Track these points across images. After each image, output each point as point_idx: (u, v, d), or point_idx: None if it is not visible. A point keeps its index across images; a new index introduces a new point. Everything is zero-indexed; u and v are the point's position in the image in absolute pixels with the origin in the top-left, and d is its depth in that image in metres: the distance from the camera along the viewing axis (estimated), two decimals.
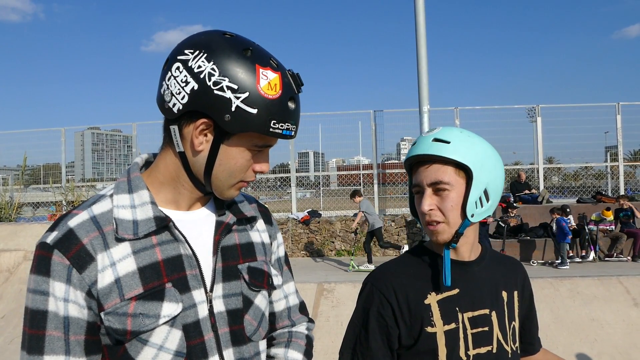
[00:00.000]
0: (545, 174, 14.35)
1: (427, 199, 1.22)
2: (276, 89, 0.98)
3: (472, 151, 1.20)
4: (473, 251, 1.31)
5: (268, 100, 0.97)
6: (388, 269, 1.33)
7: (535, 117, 13.78)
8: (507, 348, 1.28)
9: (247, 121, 0.96)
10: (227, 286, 1.08)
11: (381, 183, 13.92)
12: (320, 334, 5.65)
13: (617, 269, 8.49)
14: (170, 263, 1.01)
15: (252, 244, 1.18)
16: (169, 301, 0.98)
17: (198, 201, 1.12)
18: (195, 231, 1.08)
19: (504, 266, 1.38)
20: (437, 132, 1.23)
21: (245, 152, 1.02)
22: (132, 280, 0.97)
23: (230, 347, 1.06)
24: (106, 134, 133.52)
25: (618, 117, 13.54)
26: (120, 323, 0.95)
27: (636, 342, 5.69)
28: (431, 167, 1.21)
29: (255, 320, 1.12)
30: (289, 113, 1.00)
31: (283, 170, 14.98)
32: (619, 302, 6.54)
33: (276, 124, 0.98)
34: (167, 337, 0.98)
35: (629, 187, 14.77)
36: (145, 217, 1.01)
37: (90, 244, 0.97)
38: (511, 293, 1.34)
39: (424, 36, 9.80)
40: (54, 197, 12.86)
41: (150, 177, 1.08)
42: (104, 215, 1.01)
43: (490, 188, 1.23)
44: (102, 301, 0.96)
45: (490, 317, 1.27)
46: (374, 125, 13.62)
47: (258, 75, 0.96)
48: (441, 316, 1.24)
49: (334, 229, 11.68)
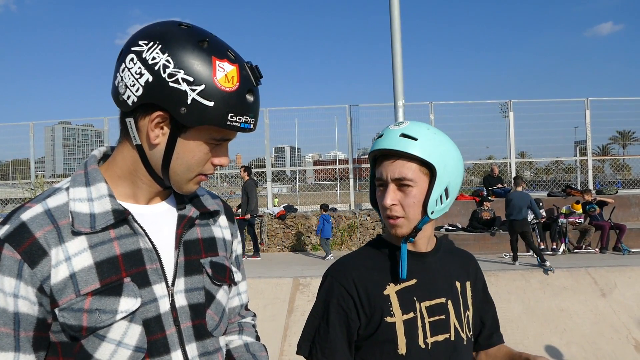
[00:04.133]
0: (517, 168, 14.60)
1: (390, 193, 1.23)
2: (233, 81, 0.96)
3: (438, 150, 1.22)
4: (429, 243, 1.34)
5: (225, 92, 0.95)
6: (348, 262, 1.35)
7: (507, 112, 13.99)
8: (463, 335, 1.31)
9: (204, 114, 0.94)
10: (189, 280, 1.07)
11: (357, 177, 13.97)
12: (297, 329, 5.65)
13: (586, 261, 8.71)
14: (129, 257, 0.99)
15: (215, 239, 1.16)
16: (126, 296, 0.96)
17: (158, 195, 1.10)
18: (156, 225, 1.06)
19: (457, 258, 1.42)
20: (404, 127, 1.23)
21: (202, 146, 1.00)
22: (88, 276, 0.94)
23: (193, 342, 1.05)
24: (77, 128, 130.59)
25: (587, 113, 13.85)
26: (76, 319, 0.93)
27: (603, 332, 5.86)
28: (396, 162, 1.22)
29: (217, 315, 1.11)
30: (247, 106, 0.98)
31: (259, 165, 14.90)
32: (587, 292, 6.72)
33: (234, 117, 0.96)
34: (125, 332, 0.96)
35: (597, 181, 15.16)
36: (103, 210, 0.98)
37: (44, 238, 0.93)
38: (464, 283, 1.38)
39: (398, 31, 9.83)
40: (22, 193, 12.53)
41: (109, 171, 1.05)
42: (59, 209, 0.97)
43: (451, 186, 1.25)
44: (57, 297, 0.93)
45: (446, 306, 1.30)
46: (349, 119, 13.65)
47: (214, 67, 0.94)
48: (400, 306, 1.26)
49: (310, 223, 11.68)
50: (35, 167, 15.41)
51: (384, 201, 1.23)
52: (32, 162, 15.11)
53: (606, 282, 6.90)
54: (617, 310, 6.22)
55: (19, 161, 16.06)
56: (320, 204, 11.46)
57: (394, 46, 9.87)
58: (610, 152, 21.14)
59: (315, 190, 15.82)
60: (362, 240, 11.44)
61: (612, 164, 16.39)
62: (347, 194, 14.02)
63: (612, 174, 16.65)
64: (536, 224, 10.12)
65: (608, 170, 16.90)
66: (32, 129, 14.58)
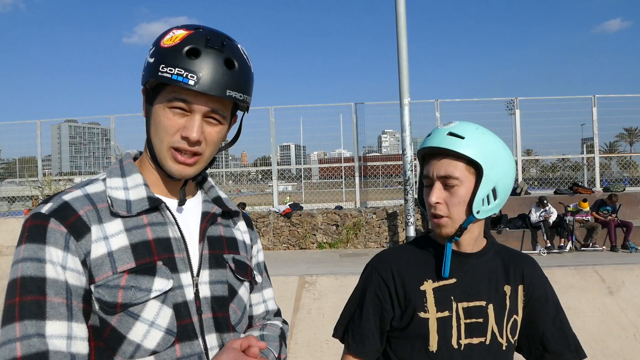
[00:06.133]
0: (524, 166, 14.57)
1: (436, 191, 1.24)
2: (174, 40, 1.01)
3: (485, 148, 1.21)
4: (476, 244, 1.32)
5: (162, 48, 1.01)
6: (389, 254, 1.38)
7: (513, 110, 13.93)
8: (502, 340, 1.28)
9: (147, 71, 1.02)
10: (214, 273, 1.10)
11: (362, 176, 13.95)
12: (302, 327, 5.66)
13: (593, 259, 8.67)
14: (160, 243, 1.03)
15: (236, 240, 1.21)
16: (160, 277, 1.00)
17: (176, 189, 1.13)
18: (184, 218, 1.11)
19: (511, 261, 1.37)
20: (452, 126, 1.24)
21: (166, 111, 1.03)
22: (124, 255, 0.98)
23: (213, 333, 1.07)
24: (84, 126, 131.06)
25: (594, 110, 13.77)
26: (111, 295, 0.95)
27: (611, 330, 5.83)
28: (443, 160, 1.23)
29: (240, 309, 1.14)
30: (182, 59, 0.99)
31: (264, 163, 14.91)
32: (594, 290, 6.69)
33: (165, 67, 0.99)
34: (158, 313, 0.98)
35: (604, 179, 15.07)
36: (139, 197, 1.04)
37: (86, 216, 0.98)
38: (515, 287, 1.34)
39: (404, 28, 9.80)
40: (30, 191, 12.60)
41: (140, 165, 1.13)
42: (97, 195, 1.04)
43: (499, 187, 1.23)
44: (94, 273, 0.96)
45: (486, 310, 1.28)
46: (355, 117, 13.64)
47: (168, 33, 1.03)
48: (435, 303, 1.27)
49: (316, 221, 11.68)
50: (42, 165, 15.49)
51: (429, 198, 1.25)
52: (40, 160, 15.19)
53: (614, 280, 6.86)
54: (625, 308, 6.18)
55: (25, 159, 16.15)
56: (326, 202, 11.44)
57: (399, 44, 9.84)
58: (617, 150, 21.05)
59: (320, 188, 15.81)
60: (368, 239, 11.44)
61: (619, 162, 16.31)
62: (352, 192, 13.99)
63: (619, 172, 16.55)
64: (543, 222, 10.09)
65: (615, 168, 16.79)
66: (40, 127, 14.66)
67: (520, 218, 10.70)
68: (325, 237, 11.65)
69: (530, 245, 10.19)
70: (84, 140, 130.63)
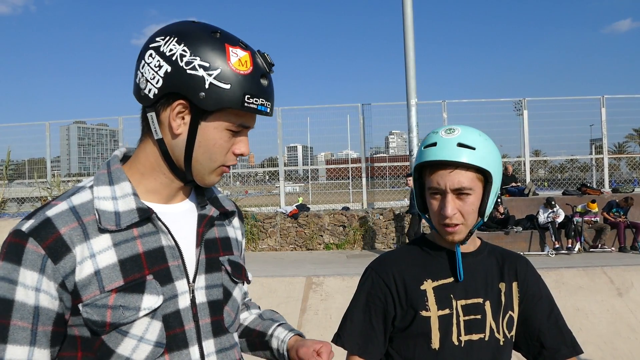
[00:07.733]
0: (532, 167, 14.49)
1: (451, 203, 1.24)
2: (247, 65, 0.99)
3: (492, 157, 1.26)
4: (472, 244, 1.37)
5: (240, 75, 0.98)
6: (389, 257, 1.42)
7: (521, 110, 13.86)
8: (499, 336, 1.31)
9: (222, 97, 0.97)
10: (209, 277, 1.09)
11: (370, 177, 13.94)
12: (309, 327, 5.66)
13: (602, 260, 8.60)
14: (151, 255, 1.01)
15: (229, 239, 1.19)
16: (149, 294, 0.98)
17: (179, 193, 1.12)
18: (177, 223, 1.08)
19: (504, 259, 1.41)
20: (459, 135, 1.24)
21: (223, 132, 1.02)
22: (112, 272, 0.96)
23: (210, 338, 1.07)
24: (92, 128, 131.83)
25: (603, 110, 13.67)
26: (99, 315, 0.94)
27: (620, 331, 5.78)
28: (454, 172, 1.23)
29: (233, 311, 1.14)
30: (262, 89, 1.01)
31: (271, 164, 14.94)
32: (603, 292, 6.63)
33: (250, 98, 0.99)
34: (147, 328, 0.97)
35: (613, 179, 14.96)
36: (128, 208, 1.00)
37: (68, 235, 0.95)
38: (509, 284, 1.37)
39: (411, 29, 9.78)
40: (39, 192, 12.69)
41: (131, 169, 1.07)
42: (83, 206, 0.99)
43: (497, 188, 1.30)
44: (81, 292, 0.94)
45: (483, 306, 1.31)
46: (362, 118, 13.63)
47: (228, 52, 0.98)
48: (436, 302, 1.30)
49: (323, 222, 11.68)
50: (51, 166, 15.60)
51: (444, 211, 1.24)
52: (49, 161, 15.30)
53: (622, 281, 6.81)
54: (634, 309, 6.13)
55: (34, 160, 16.26)
56: (333, 203, 11.44)
57: (406, 44, 9.82)
58: (626, 150, 20.89)
59: (327, 189, 15.81)
60: (375, 240, 11.43)
61: (628, 162, 16.16)
62: (359, 193, 13.98)
63: (628, 172, 16.41)
64: (551, 223, 10.03)
65: (624, 169, 16.65)
66: (49, 129, 14.78)
67: (528, 219, 10.64)
68: (332, 238, 11.64)
69: (538, 247, 10.14)
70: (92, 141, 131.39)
